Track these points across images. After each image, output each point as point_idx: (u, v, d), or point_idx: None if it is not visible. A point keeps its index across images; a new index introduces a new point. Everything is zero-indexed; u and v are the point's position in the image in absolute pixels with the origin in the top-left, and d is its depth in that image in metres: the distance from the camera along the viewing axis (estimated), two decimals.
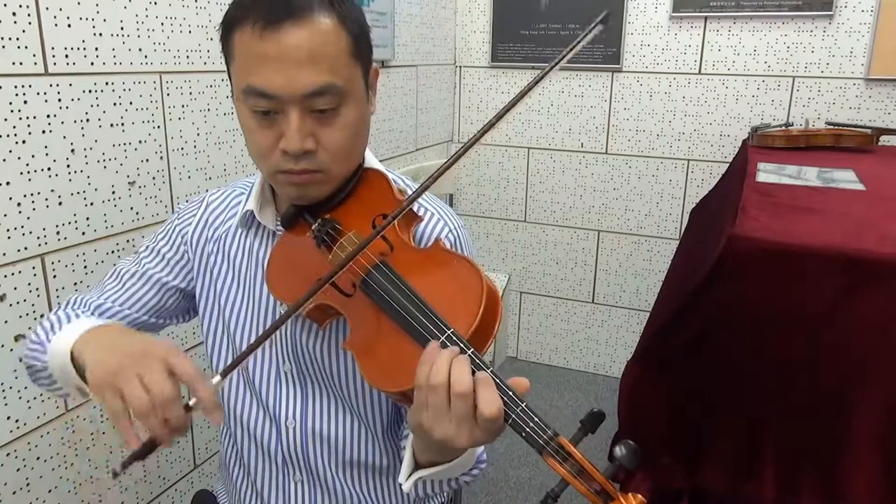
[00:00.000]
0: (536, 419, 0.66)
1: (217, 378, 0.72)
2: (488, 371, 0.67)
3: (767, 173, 1.75)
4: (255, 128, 0.81)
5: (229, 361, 0.98)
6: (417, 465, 0.78)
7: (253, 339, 0.95)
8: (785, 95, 2.51)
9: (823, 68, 2.44)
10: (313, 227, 0.85)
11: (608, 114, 2.76)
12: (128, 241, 1.40)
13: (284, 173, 0.82)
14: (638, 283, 2.86)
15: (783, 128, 2.32)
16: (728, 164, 2.45)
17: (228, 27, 0.81)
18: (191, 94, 1.51)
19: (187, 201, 1.05)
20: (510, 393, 0.66)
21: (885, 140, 2.28)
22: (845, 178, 1.70)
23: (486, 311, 0.70)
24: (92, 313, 0.96)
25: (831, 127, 2.28)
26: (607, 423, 0.68)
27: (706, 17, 2.54)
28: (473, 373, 0.66)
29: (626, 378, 1.37)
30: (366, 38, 0.84)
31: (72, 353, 0.81)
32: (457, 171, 3.01)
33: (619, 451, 0.64)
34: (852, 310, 1.15)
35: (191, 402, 0.71)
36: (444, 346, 0.68)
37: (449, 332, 0.69)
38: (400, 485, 0.79)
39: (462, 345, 0.68)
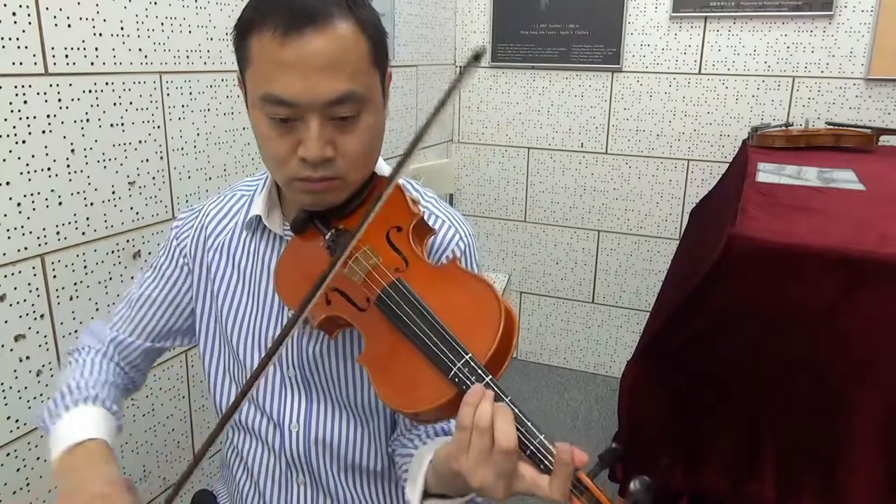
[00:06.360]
0: (554, 451, 0.66)
1: None
2: (507, 399, 0.67)
3: (767, 173, 1.75)
4: (273, 135, 0.80)
5: (228, 367, 0.98)
6: (426, 494, 0.78)
7: (252, 343, 0.95)
8: (785, 95, 2.51)
9: (823, 68, 2.44)
10: (326, 236, 0.84)
11: (608, 114, 2.76)
12: (128, 241, 1.40)
13: (302, 181, 0.81)
14: (638, 283, 2.86)
15: (783, 128, 2.32)
16: (728, 164, 2.45)
17: (244, 32, 0.79)
18: (191, 94, 1.51)
19: (188, 207, 1.04)
20: (528, 424, 0.67)
21: (885, 140, 2.28)
22: (845, 178, 1.70)
23: (504, 335, 0.69)
24: (99, 357, 1.01)
25: (831, 127, 2.28)
26: (606, 423, 0.69)
27: (706, 17, 2.54)
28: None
29: (626, 378, 1.37)
30: (383, 43, 0.83)
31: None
32: (457, 170, 3.02)
33: (634, 486, 0.65)
34: (852, 310, 1.15)
35: None
36: (461, 371, 0.68)
37: (466, 357, 0.68)
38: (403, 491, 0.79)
39: (480, 371, 0.67)
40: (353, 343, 0.90)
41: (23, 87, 1.16)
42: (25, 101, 1.17)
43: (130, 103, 1.37)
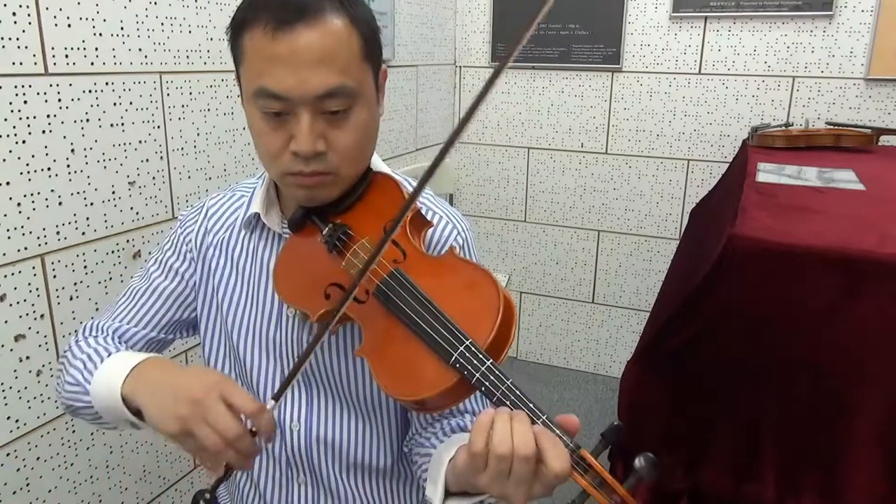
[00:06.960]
0: (557, 431, 0.66)
1: (272, 403, 0.75)
2: (508, 381, 0.67)
3: (767, 173, 1.75)
4: (266, 130, 0.81)
5: (227, 366, 0.98)
6: (447, 493, 0.79)
7: (252, 341, 0.95)
8: (785, 95, 2.51)
9: (823, 68, 2.44)
10: (324, 231, 0.85)
11: (608, 114, 2.76)
12: (128, 241, 1.40)
13: (294, 175, 0.82)
14: (638, 283, 2.86)
15: (783, 128, 2.32)
16: (728, 164, 2.45)
17: (238, 29, 0.81)
18: (191, 94, 1.51)
19: (188, 206, 1.04)
20: (530, 406, 0.67)
21: (885, 140, 2.28)
22: (845, 178, 1.70)
23: (503, 321, 0.70)
24: (110, 338, 0.96)
25: (831, 127, 2.28)
26: (606, 423, 0.69)
27: (706, 17, 2.54)
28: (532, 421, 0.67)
29: (627, 378, 1.37)
30: (376, 39, 0.84)
31: (122, 396, 0.82)
32: (457, 170, 3.01)
33: (639, 462, 0.65)
34: (852, 310, 1.15)
35: (254, 429, 0.75)
36: (462, 357, 0.68)
37: (467, 342, 0.69)
38: (423, 488, 0.79)
39: (480, 356, 0.68)
40: (354, 338, 0.91)
41: (23, 87, 1.16)
42: (25, 101, 1.17)
43: (130, 103, 1.37)
